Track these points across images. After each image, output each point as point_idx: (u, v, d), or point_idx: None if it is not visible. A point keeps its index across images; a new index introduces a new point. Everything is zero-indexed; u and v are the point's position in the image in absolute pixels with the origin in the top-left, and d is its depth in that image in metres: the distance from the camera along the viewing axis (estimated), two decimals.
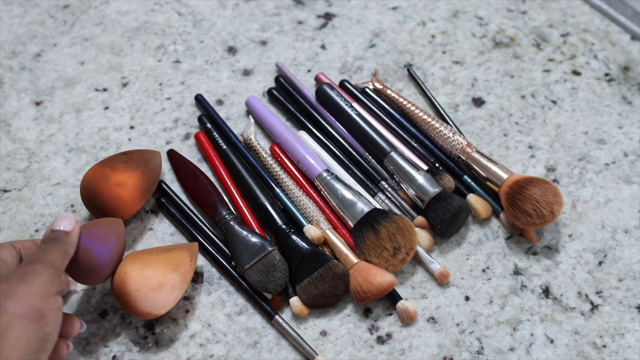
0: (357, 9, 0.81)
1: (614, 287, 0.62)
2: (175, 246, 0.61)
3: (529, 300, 0.61)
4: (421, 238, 0.63)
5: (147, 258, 0.58)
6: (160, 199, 0.66)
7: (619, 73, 0.75)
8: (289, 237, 0.62)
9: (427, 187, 0.64)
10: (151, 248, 0.61)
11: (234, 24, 0.80)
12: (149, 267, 0.57)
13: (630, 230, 0.65)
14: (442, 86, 0.75)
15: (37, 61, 0.77)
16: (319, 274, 0.60)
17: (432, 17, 0.80)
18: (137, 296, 0.56)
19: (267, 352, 0.59)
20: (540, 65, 0.76)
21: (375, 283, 0.59)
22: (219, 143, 0.69)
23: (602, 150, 0.70)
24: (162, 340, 0.59)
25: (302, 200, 0.65)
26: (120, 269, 0.57)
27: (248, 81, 0.76)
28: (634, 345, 0.59)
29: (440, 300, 0.61)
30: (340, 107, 0.71)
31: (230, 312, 0.61)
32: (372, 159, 0.68)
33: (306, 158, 0.67)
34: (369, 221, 0.62)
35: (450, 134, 0.68)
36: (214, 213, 0.64)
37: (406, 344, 0.59)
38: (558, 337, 0.59)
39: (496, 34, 0.79)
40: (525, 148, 0.70)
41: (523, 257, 0.63)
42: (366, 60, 0.77)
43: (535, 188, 0.62)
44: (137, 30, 0.79)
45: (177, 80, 0.76)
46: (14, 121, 0.72)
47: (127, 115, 0.73)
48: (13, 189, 0.68)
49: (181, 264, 0.58)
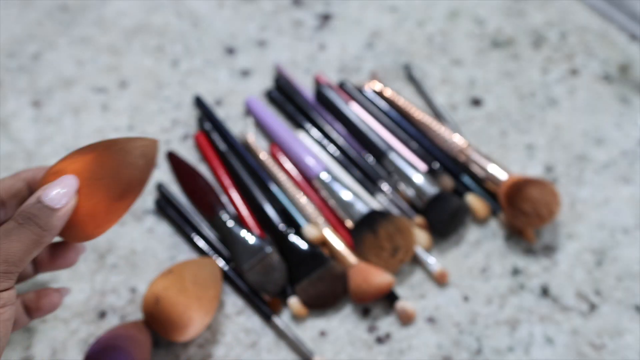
0: (355, 9, 0.81)
1: (613, 287, 0.62)
2: (211, 281, 0.59)
3: (527, 300, 0.61)
4: (420, 238, 0.63)
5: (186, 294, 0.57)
6: (159, 201, 0.66)
7: (617, 73, 0.75)
8: (287, 238, 0.62)
9: (425, 188, 0.64)
10: (185, 274, 0.58)
11: (232, 24, 0.80)
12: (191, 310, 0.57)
13: (629, 230, 0.65)
14: (441, 86, 0.75)
15: (35, 62, 0.77)
16: (318, 274, 0.60)
17: (431, 17, 0.80)
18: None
19: (267, 352, 0.59)
20: (539, 65, 0.76)
21: (374, 283, 0.59)
22: (217, 144, 0.69)
23: (600, 150, 0.70)
24: (162, 340, 0.59)
25: (301, 200, 0.65)
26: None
27: (247, 82, 0.75)
28: (633, 345, 0.59)
29: (439, 300, 0.61)
30: (339, 107, 0.71)
31: (229, 313, 0.61)
32: (371, 159, 0.68)
33: (305, 158, 0.67)
34: (367, 222, 0.62)
35: (449, 134, 0.68)
36: (212, 214, 0.64)
37: (405, 344, 0.59)
38: (557, 337, 0.59)
39: (495, 34, 0.79)
40: (524, 148, 0.70)
41: (522, 257, 0.63)
42: (365, 60, 0.77)
43: (533, 188, 0.62)
44: (136, 31, 0.79)
45: (176, 81, 0.75)
46: (12, 122, 0.72)
47: (125, 115, 0.73)
48: None
49: (213, 300, 0.58)
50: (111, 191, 0.46)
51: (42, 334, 0.60)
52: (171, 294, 0.56)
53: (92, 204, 0.45)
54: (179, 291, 0.56)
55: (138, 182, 0.47)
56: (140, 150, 0.47)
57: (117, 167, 0.46)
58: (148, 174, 0.47)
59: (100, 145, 0.47)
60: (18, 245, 0.41)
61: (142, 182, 0.47)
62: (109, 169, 0.46)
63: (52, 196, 0.43)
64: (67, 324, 0.60)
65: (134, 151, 0.46)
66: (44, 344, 0.59)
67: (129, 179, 0.46)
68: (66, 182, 0.44)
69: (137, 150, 0.46)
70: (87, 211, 0.45)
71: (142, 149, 0.47)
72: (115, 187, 0.46)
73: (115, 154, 0.46)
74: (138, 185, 0.47)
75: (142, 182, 0.47)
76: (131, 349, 0.55)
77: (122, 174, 0.46)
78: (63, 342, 0.59)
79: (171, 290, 0.56)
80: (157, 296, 0.56)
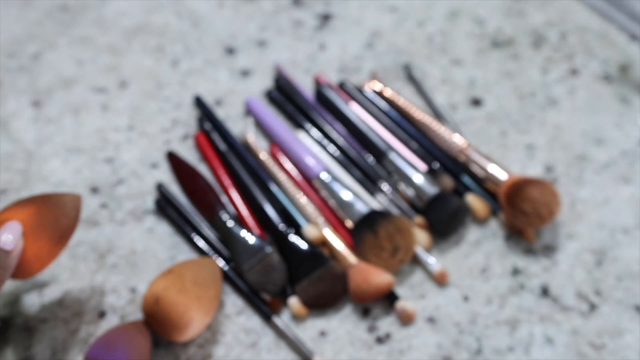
0: (355, 9, 0.81)
1: (613, 287, 0.62)
2: (211, 281, 0.59)
3: (527, 300, 0.61)
4: (420, 238, 0.63)
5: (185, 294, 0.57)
6: (159, 201, 0.66)
7: (617, 73, 0.75)
8: (287, 238, 0.62)
9: (425, 188, 0.64)
10: (186, 275, 0.58)
11: (232, 25, 0.80)
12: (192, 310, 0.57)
13: (629, 230, 0.65)
14: (441, 86, 0.75)
15: (35, 62, 0.77)
16: (318, 274, 0.60)
17: (431, 17, 0.80)
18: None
19: (267, 352, 0.59)
20: (539, 65, 0.76)
21: (374, 283, 0.59)
22: (217, 144, 0.69)
23: (600, 150, 0.70)
24: (161, 340, 0.59)
25: (301, 200, 0.65)
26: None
27: (247, 82, 0.75)
28: (633, 345, 0.59)
29: (439, 300, 0.61)
30: (338, 107, 0.71)
31: (229, 313, 0.61)
32: (371, 159, 0.68)
33: (305, 158, 0.67)
34: (367, 222, 0.62)
35: (449, 134, 0.68)
36: (212, 214, 0.64)
37: (405, 344, 0.59)
38: (557, 337, 0.59)
39: (495, 34, 0.79)
40: (524, 148, 0.70)
41: (522, 257, 0.63)
42: (365, 60, 0.77)
43: (533, 188, 0.62)
44: (136, 31, 0.79)
45: (176, 81, 0.75)
46: (12, 122, 0.72)
47: (125, 115, 0.73)
48: (11, 190, 0.68)
49: (214, 300, 0.58)
50: (52, 237, 0.55)
51: (42, 334, 0.60)
52: (171, 294, 0.56)
53: (37, 247, 0.54)
54: (179, 291, 0.56)
55: (71, 229, 0.56)
56: (71, 203, 0.56)
57: (55, 218, 0.55)
58: (77, 223, 0.57)
59: (37, 199, 0.56)
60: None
61: (73, 229, 0.57)
62: (50, 219, 0.55)
63: (3, 240, 0.50)
64: (67, 324, 0.60)
65: (67, 204, 0.56)
66: (44, 344, 0.59)
67: (65, 226, 0.56)
68: (13, 227, 0.51)
69: (69, 203, 0.56)
70: (33, 253, 0.54)
71: (72, 202, 0.56)
72: (55, 234, 0.55)
73: (53, 206, 0.55)
74: (71, 231, 0.56)
75: (73, 228, 0.57)
76: (131, 349, 0.55)
77: (59, 223, 0.55)
78: (63, 342, 0.59)
79: (171, 290, 0.56)
80: (157, 296, 0.56)
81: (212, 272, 0.59)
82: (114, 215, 0.66)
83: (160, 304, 0.56)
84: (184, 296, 0.56)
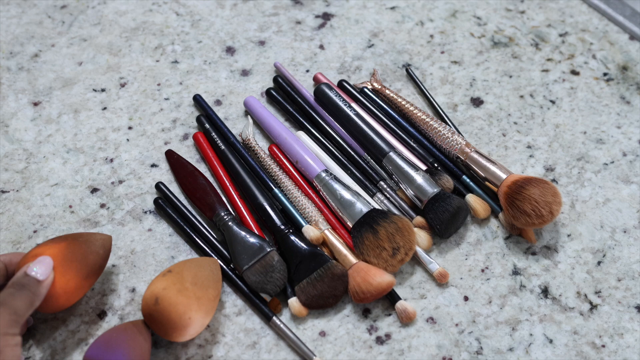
0: (355, 8, 0.81)
1: (613, 287, 0.62)
2: (211, 281, 0.58)
3: (528, 300, 0.61)
4: (420, 238, 0.63)
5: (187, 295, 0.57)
6: (158, 200, 0.66)
7: (617, 73, 0.75)
8: (287, 238, 0.62)
9: (425, 187, 0.64)
10: (184, 275, 0.58)
11: (232, 24, 0.80)
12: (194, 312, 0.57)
13: (629, 230, 0.65)
14: (441, 86, 0.75)
15: (35, 62, 0.77)
16: (318, 274, 0.60)
17: (431, 17, 0.80)
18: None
19: (266, 352, 0.59)
20: (539, 65, 0.76)
21: (374, 283, 0.59)
22: (217, 143, 0.69)
23: (600, 150, 0.70)
24: (161, 341, 0.59)
25: (301, 200, 0.65)
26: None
27: (246, 81, 0.75)
28: (633, 345, 0.59)
29: (439, 300, 0.61)
30: (338, 107, 0.71)
31: (229, 313, 0.61)
32: (371, 159, 0.68)
33: (305, 158, 0.67)
34: (367, 221, 0.62)
35: (449, 134, 0.68)
36: (212, 214, 0.64)
37: (405, 345, 0.59)
38: (557, 337, 0.59)
39: (495, 34, 0.79)
40: (524, 148, 0.70)
41: (522, 257, 0.63)
42: (365, 60, 0.77)
43: (534, 188, 0.62)
44: (135, 31, 0.79)
45: (176, 81, 0.75)
46: (11, 122, 0.72)
47: (125, 115, 0.73)
48: (11, 190, 0.68)
49: (214, 300, 0.58)
50: (80, 272, 0.57)
51: (42, 334, 0.60)
52: (171, 294, 0.56)
53: (66, 280, 0.56)
54: (179, 291, 0.56)
55: (100, 266, 0.59)
56: (100, 242, 0.59)
57: (84, 254, 0.58)
58: (106, 261, 0.60)
59: (69, 236, 0.59)
60: (21, 303, 0.53)
61: (102, 267, 0.59)
62: (78, 254, 0.58)
63: (36, 270, 0.55)
64: (67, 324, 0.60)
65: (96, 242, 0.59)
66: (44, 344, 0.59)
67: (93, 263, 0.58)
68: (45, 261, 0.56)
69: (98, 242, 0.59)
70: (62, 286, 0.56)
71: (102, 241, 0.59)
72: (83, 269, 0.57)
73: (82, 243, 0.58)
74: (99, 269, 0.59)
75: (102, 266, 0.59)
76: (131, 349, 0.55)
77: (88, 259, 0.58)
78: (63, 342, 0.59)
79: (171, 290, 0.56)
80: (157, 296, 0.56)
81: (211, 272, 0.59)
82: (114, 215, 0.66)
83: (159, 304, 0.56)
84: (183, 296, 0.56)
